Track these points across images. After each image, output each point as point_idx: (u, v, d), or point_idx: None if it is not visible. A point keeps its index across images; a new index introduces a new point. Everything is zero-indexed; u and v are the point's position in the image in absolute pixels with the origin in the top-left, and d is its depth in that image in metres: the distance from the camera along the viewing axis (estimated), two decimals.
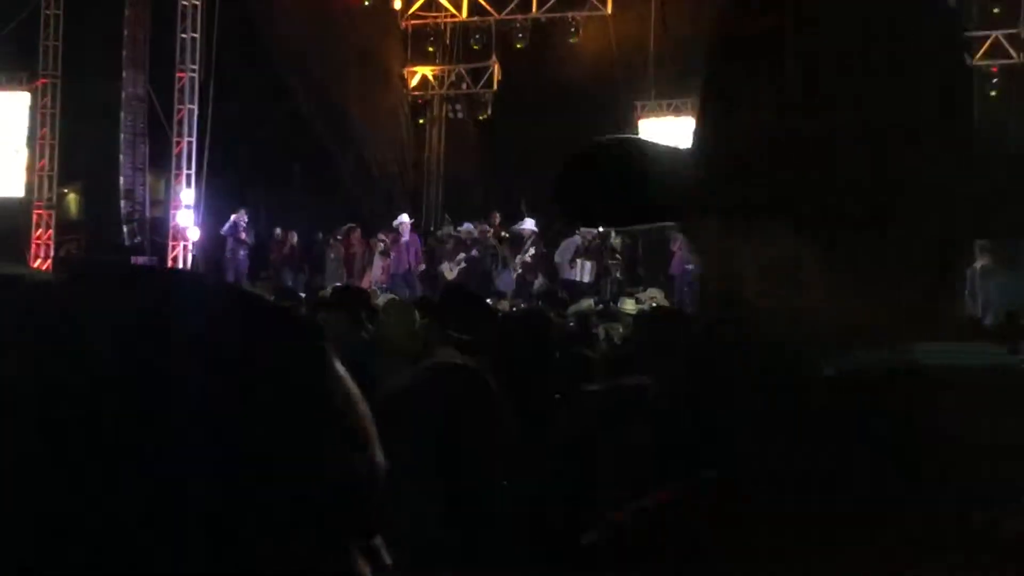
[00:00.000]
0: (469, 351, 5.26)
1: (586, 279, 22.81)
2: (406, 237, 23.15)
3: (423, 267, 23.48)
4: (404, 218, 23.42)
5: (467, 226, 23.88)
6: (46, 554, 0.73)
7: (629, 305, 17.13)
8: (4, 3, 22.81)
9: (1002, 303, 16.62)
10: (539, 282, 22.42)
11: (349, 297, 8.53)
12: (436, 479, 2.55)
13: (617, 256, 23.52)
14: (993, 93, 22.33)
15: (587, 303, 15.32)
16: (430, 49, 27.41)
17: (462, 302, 6.28)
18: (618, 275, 23.19)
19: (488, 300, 14.95)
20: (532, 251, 22.79)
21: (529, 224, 23.12)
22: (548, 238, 23.42)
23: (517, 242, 23.18)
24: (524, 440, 3.27)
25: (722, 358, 1.10)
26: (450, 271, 23.00)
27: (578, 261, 23.18)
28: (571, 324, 9.61)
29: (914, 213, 1.00)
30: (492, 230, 23.72)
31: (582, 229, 22.99)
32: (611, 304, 16.34)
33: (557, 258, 23.56)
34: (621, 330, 9.33)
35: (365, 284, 22.16)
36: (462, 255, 23.34)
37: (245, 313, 0.84)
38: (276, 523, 0.78)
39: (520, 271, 22.82)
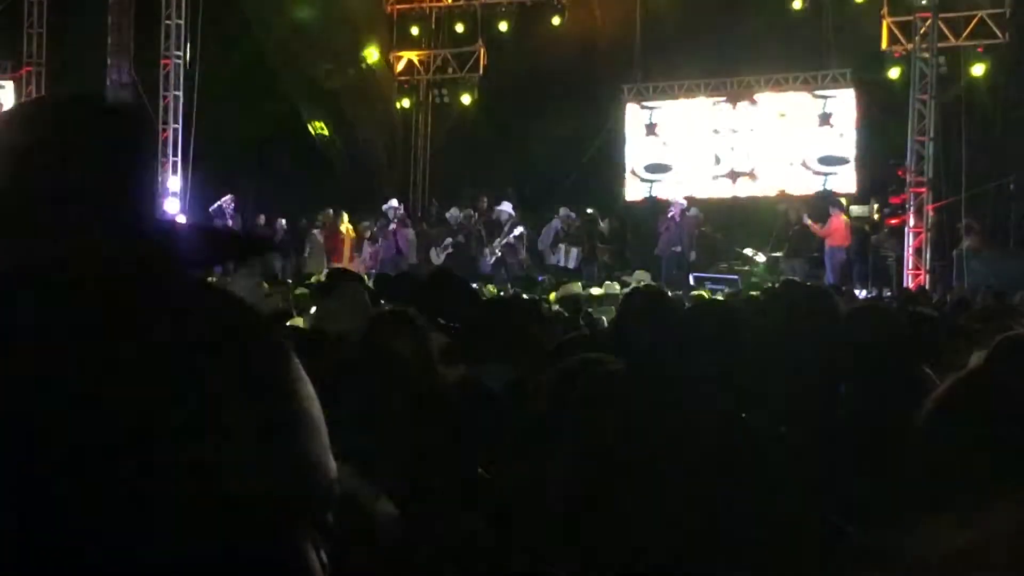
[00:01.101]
0: (455, 337, 5.27)
1: (571, 264, 22.83)
2: (395, 223, 23.16)
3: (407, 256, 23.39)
4: (394, 203, 23.45)
5: (453, 211, 23.87)
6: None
7: (615, 287, 17.19)
8: None
9: (989, 282, 16.66)
10: (519, 264, 22.41)
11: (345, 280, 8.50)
12: None
13: (605, 240, 23.55)
14: (979, 73, 22.37)
15: (575, 287, 15.33)
16: (415, 34, 27.35)
17: (448, 288, 6.27)
18: (606, 259, 23.21)
19: (474, 285, 14.97)
20: (514, 234, 22.71)
21: (506, 207, 23.07)
22: (532, 223, 23.42)
23: (495, 226, 23.15)
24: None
25: None
26: (437, 256, 22.99)
27: (561, 246, 23.19)
28: (555, 309, 9.55)
29: None
30: (476, 215, 23.69)
31: (561, 213, 23.01)
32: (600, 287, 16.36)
33: (540, 244, 23.60)
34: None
35: (354, 269, 22.17)
36: (449, 240, 23.33)
37: (209, 310, 0.85)
38: (234, 511, 0.79)
39: (500, 254, 22.77)
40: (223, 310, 0.87)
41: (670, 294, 11.66)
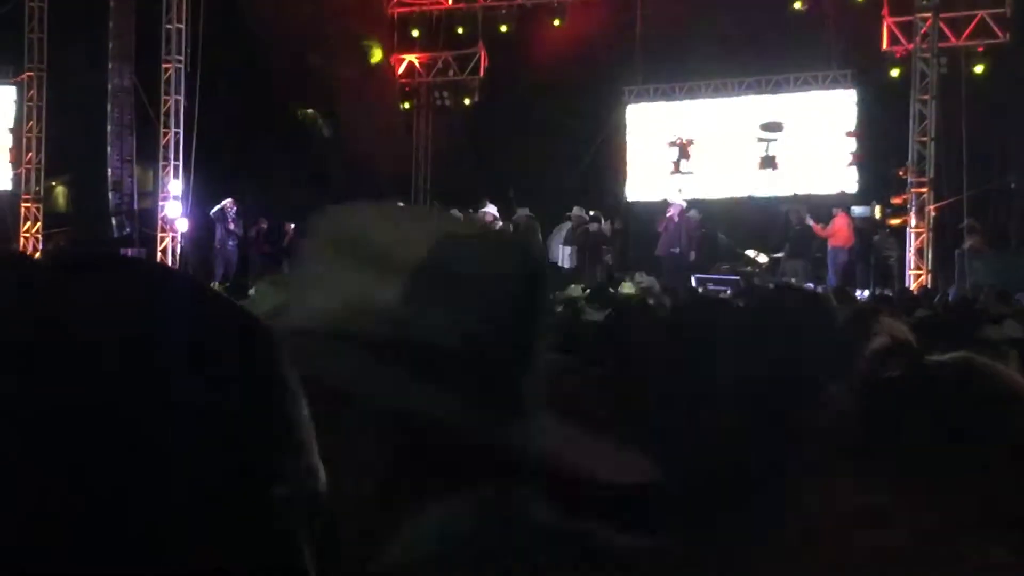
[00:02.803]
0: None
1: (566, 264, 22.88)
2: None
3: None
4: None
5: (453, 212, 23.78)
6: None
7: (627, 288, 17.19)
8: None
9: (991, 282, 16.65)
10: None
11: None
12: None
13: (607, 241, 23.55)
14: (979, 71, 22.37)
15: (575, 289, 15.32)
16: (416, 36, 27.36)
17: None
18: (608, 260, 23.22)
19: None
20: None
21: (490, 209, 23.04)
22: (542, 224, 23.43)
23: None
24: None
25: None
26: None
27: (559, 247, 23.25)
28: (559, 309, 9.52)
29: None
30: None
31: (573, 213, 22.99)
32: (609, 289, 16.31)
33: (548, 243, 23.67)
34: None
35: None
36: None
37: (202, 311, 0.85)
38: (228, 517, 0.79)
39: None
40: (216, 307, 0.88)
41: (660, 297, 11.63)
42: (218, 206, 22.71)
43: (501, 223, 22.64)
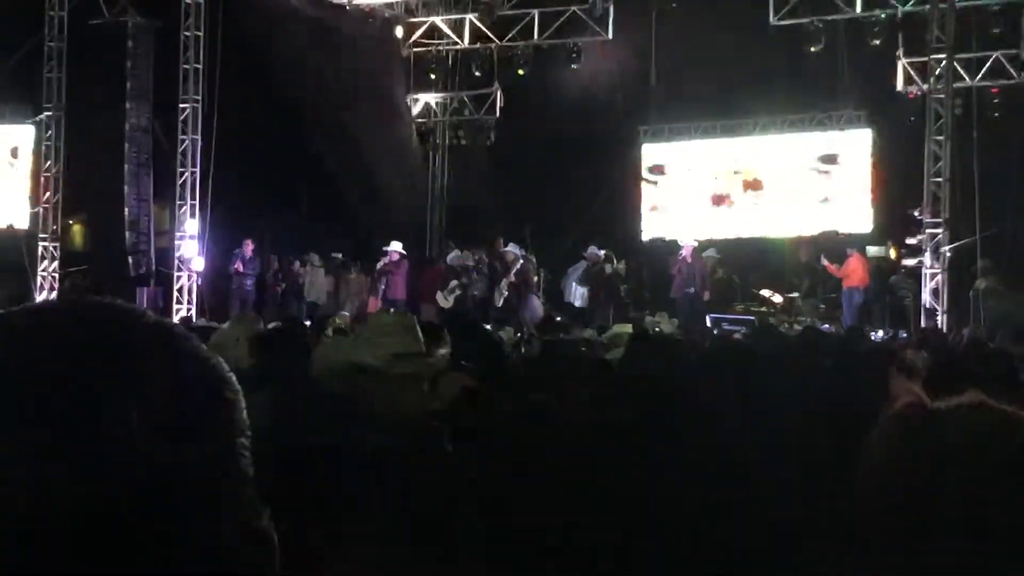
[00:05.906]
0: (475, 378, 5.29)
1: (578, 303, 22.86)
2: (392, 266, 23.03)
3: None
4: (394, 245, 23.24)
5: (454, 253, 23.66)
6: None
7: (626, 329, 17.09)
8: (7, 36, 22.90)
9: (1006, 323, 16.59)
10: (523, 304, 22.29)
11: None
12: None
13: (622, 280, 23.52)
14: (996, 115, 22.36)
15: (589, 331, 15.34)
16: (432, 76, 27.46)
17: (463, 331, 6.30)
18: (625, 298, 23.20)
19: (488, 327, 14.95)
20: (515, 271, 22.55)
21: (513, 248, 22.96)
22: (551, 263, 23.41)
23: (505, 268, 23.02)
24: None
25: None
26: (445, 300, 22.74)
27: (573, 286, 23.21)
28: (583, 349, 9.65)
29: None
30: (485, 256, 23.48)
31: (589, 252, 22.97)
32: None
33: (563, 283, 23.67)
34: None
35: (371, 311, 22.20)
36: (454, 283, 23.05)
37: (167, 355, 0.89)
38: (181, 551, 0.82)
39: (506, 294, 22.63)
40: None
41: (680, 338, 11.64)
42: (239, 262, 22.81)
43: (523, 261, 22.59)
